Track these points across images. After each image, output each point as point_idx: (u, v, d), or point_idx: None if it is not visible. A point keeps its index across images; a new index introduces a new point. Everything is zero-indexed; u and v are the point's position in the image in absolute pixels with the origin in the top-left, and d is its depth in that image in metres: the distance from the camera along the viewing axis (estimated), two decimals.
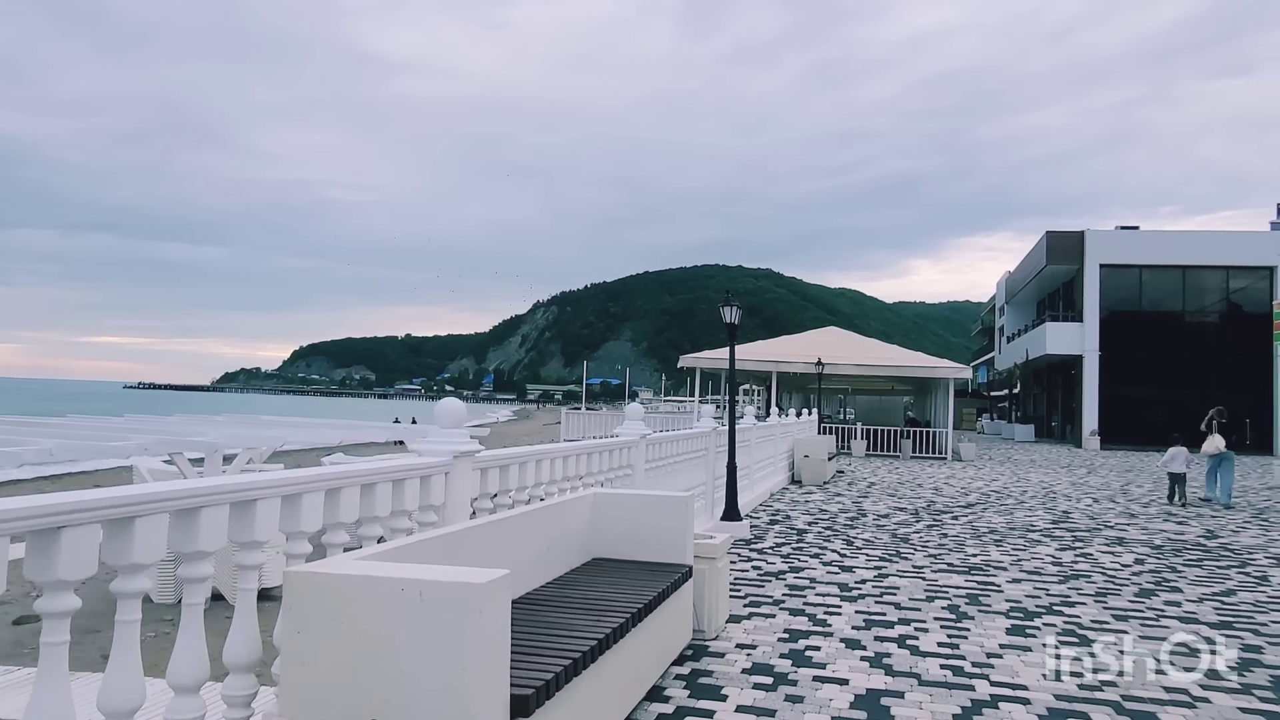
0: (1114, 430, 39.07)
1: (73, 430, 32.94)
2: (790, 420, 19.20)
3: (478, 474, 4.54)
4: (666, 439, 8.46)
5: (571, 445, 5.71)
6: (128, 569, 2.57)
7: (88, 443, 15.51)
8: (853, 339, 35.61)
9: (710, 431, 10.27)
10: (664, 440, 8.35)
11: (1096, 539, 11.10)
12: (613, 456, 6.74)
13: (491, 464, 4.73)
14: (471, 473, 4.43)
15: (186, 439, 16.30)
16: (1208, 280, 41.09)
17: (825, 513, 13.09)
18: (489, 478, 4.72)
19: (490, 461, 4.73)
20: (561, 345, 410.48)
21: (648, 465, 7.90)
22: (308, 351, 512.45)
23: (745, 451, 13.16)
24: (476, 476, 4.52)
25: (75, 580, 2.39)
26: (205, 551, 2.82)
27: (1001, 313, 64.58)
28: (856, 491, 16.61)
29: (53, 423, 18.10)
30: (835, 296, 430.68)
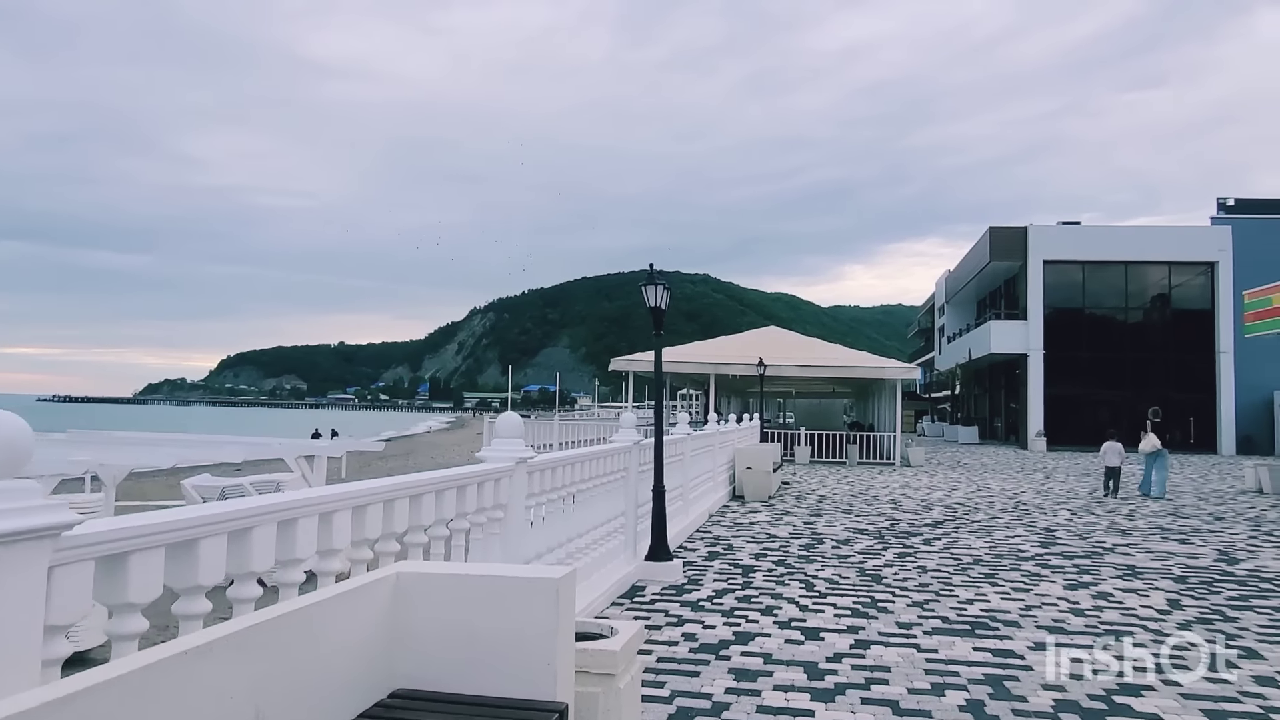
0: (1059, 430, 37.97)
1: None
2: (730, 427, 17.07)
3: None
4: (564, 461, 6.16)
5: (346, 491, 3.33)
6: None
7: (246, 447, 13.17)
8: (794, 339, 33.73)
9: (631, 446, 8.00)
10: (561, 464, 6.04)
11: (1103, 568, 9.12)
12: (466, 496, 4.40)
13: (149, 539, 2.37)
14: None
15: None
16: (1150, 276, 40.36)
17: (774, 539, 10.91)
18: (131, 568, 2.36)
19: (150, 535, 2.37)
20: (499, 352, 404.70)
21: (537, 502, 5.60)
22: (236, 361, 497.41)
23: (679, 468, 10.93)
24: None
25: None
26: None
27: (941, 313, 63.70)
28: (807, 508, 14.51)
29: None
30: (772, 301, 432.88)
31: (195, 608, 2.66)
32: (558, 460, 5.99)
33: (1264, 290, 19.00)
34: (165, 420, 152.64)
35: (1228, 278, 38.45)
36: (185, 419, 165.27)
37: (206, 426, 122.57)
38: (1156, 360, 39.55)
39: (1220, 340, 38.54)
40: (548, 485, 5.78)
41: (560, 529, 6.27)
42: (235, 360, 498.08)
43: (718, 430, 14.67)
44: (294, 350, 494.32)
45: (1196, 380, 38.89)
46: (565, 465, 6.13)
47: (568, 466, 6.20)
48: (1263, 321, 18.75)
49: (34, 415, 17.17)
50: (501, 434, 5.17)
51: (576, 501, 6.60)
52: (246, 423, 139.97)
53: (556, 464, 5.94)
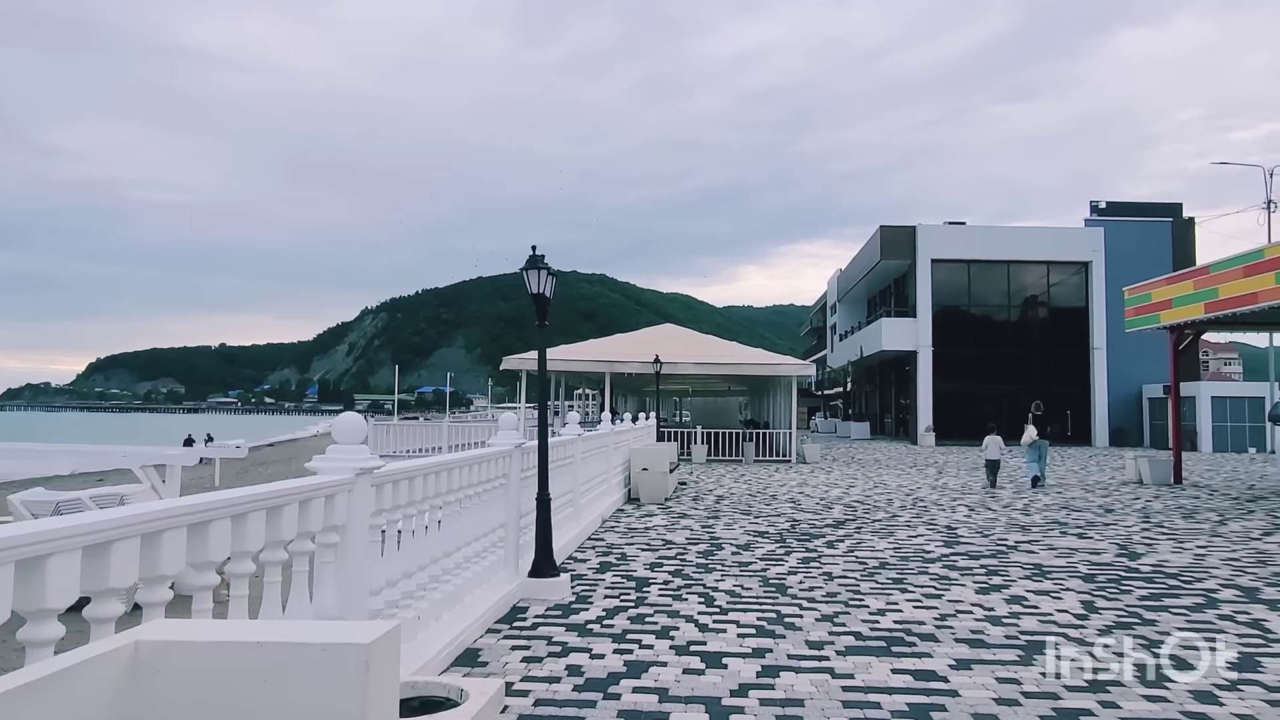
0: (947, 425, 38.84)
1: None
2: (625, 427, 16.32)
3: None
4: (428, 470, 5.24)
5: (74, 526, 2.36)
6: None
7: (85, 456, 11.14)
8: (691, 336, 33.30)
9: (511, 450, 7.12)
10: (423, 473, 5.13)
11: (1011, 568, 8.75)
12: (282, 520, 3.46)
13: None
14: None
15: None
16: (1030, 275, 41.73)
17: (671, 545, 10.20)
18: None
19: None
20: (392, 353, 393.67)
21: (387, 521, 4.68)
22: (107, 364, 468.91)
23: (569, 472, 10.10)
24: None
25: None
26: None
27: (833, 311, 64.78)
28: (705, 509, 13.89)
29: None
30: (668, 301, 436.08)
31: None
32: (417, 469, 5.08)
33: (1143, 286, 19.48)
34: (25, 427, 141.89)
35: (1100, 277, 40.13)
36: (47, 426, 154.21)
37: (69, 434, 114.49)
38: (1036, 356, 40.97)
39: (1094, 337, 40.19)
40: (404, 499, 4.86)
41: (423, 549, 5.36)
42: (106, 363, 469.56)
43: (612, 430, 13.89)
44: (171, 352, 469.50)
45: (1073, 375, 40.46)
46: (428, 475, 5.21)
47: (431, 476, 5.29)
48: (1142, 316, 19.21)
49: None
50: (341, 439, 4.23)
51: (448, 514, 5.69)
52: (114, 429, 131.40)
53: (415, 474, 5.02)
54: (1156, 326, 18.85)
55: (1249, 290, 15.14)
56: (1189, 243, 42.73)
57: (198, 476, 37.56)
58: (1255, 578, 8.43)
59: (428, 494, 5.31)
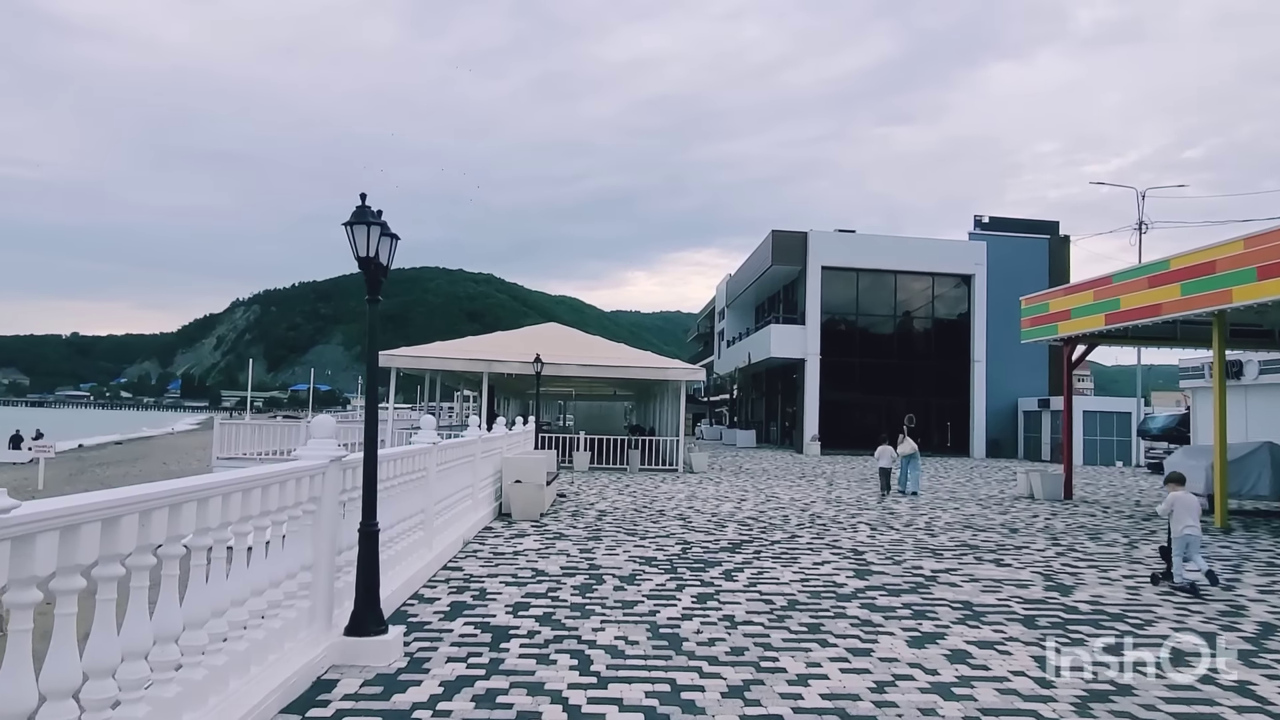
0: (832, 435, 38.53)
1: None
2: (498, 433, 14.54)
3: None
4: (167, 499, 3.47)
5: None
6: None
7: None
8: (576, 337, 31.65)
9: (326, 466, 5.34)
10: (158, 503, 3.34)
11: (938, 608, 7.49)
12: None
13: None
14: None
15: None
16: (916, 286, 41.94)
17: (542, 577, 8.54)
18: None
19: None
20: (265, 348, 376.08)
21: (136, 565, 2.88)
22: None
23: (420, 489, 8.30)
24: None
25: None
26: None
27: (721, 316, 64.39)
28: (584, 528, 12.28)
29: None
30: (556, 303, 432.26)
31: None
32: (175, 495, 3.28)
33: (1040, 296, 19.03)
34: None
35: (982, 290, 40.67)
36: None
37: None
38: (920, 367, 41.21)
39: (975, 349, 40.69)
40: (121, 547, 3.07)
41: (171, 614, 3.56)
42: None
43: (480, 437, 12.10)
44: (14, 340, 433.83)
45: (955, 386, 40.84)
46: (167, 506, 3.42)
47: (181, 507, 3.50)
48: (1038, 327, 18.73)
49: None
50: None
51: (220, 560, 3.91)
52: None
53: (151, 505, 3.24)
54: (1054, 338, 18.39)
55: (1152, 301, 14.64)
56: (1064, 259, 43.98)
57: (17, 478, 33.54)
58: (1204, 618, 7.44)
59: (175, 535, 3.54)
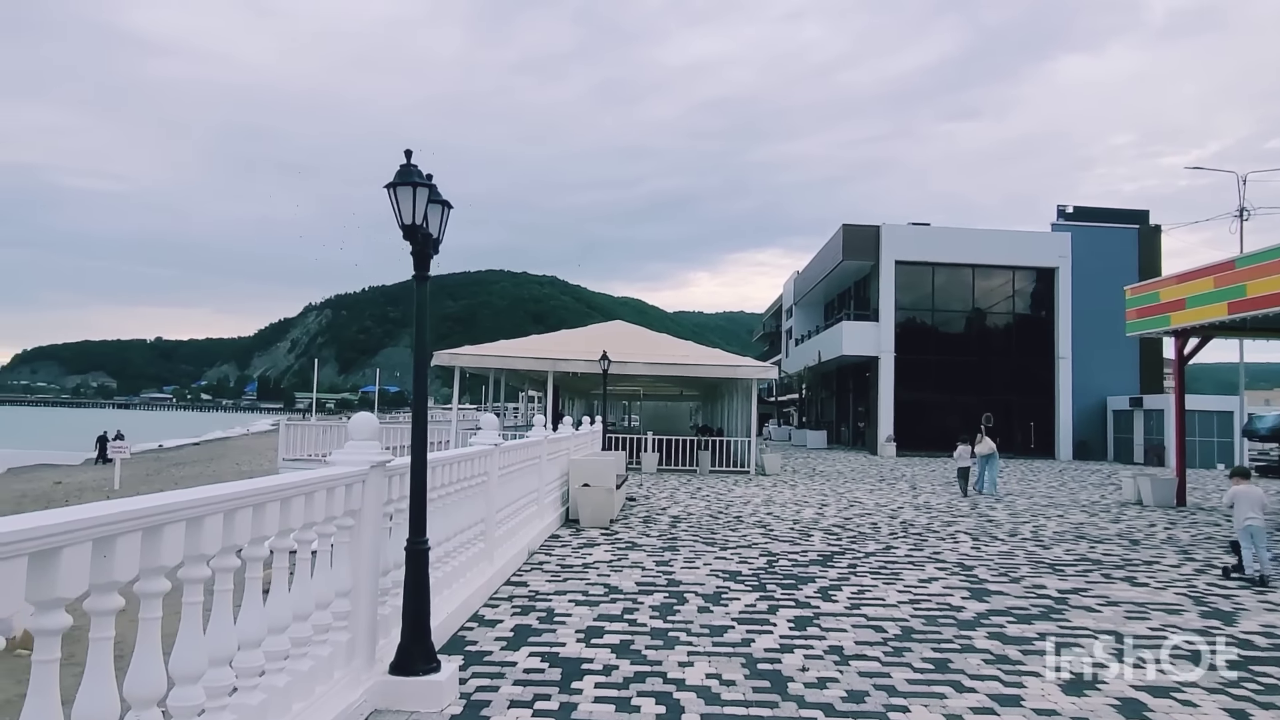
0: (907, 435, 36.93)
1: None
2: (564, 434, 13.70)
3: None
4: (177, 511, 2.67)
5: None
6: None
7: None
8: (642, 335, 30.75)
9: (367, 472, 4.52)
10: (151, 518, 2.52)
11: (1080, 637, 6.37)
12: None
13: None
14: None
15: None
16: (995, 280, 40.04)
17: (616, 595, 7.63)
18: None
19: None
20: (336, 351, 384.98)
21: None
22: (34, 356, 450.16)
23: (481, 495, 7.47)
24: None
25: None
26: None
27: (789, 315, 62.91)
28: (658, 537, 11.35)
29: None
30: (619, 305, 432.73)
31: None
32: (106, 522, 2.46)
33: (1148, 285, 17.48)
34: None
35: (1067, 283, 38.60)
36: None
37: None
38: (999, 364, 39.27)
39: (1059, 345, 38.63)
40: None
41: (151, 667, 2.74)
42: (33, 355, 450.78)
43: (546, 438, 11.27)
44: (103, 345, 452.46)
45: (1037, 385, 38.83)
46: (140, 530, 2.60)
47: (163, 530, 2.68)
48: (1147, 319, 17.19)
49: None
50: None
51: (227, 593, 3.11)
52: (36, 424, 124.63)
53: (115, 528, 2.43)
54: (1165, 330, 16.83)
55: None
56: (1155, 249, 41.45)
57: (97, 478, 34.15)
58: None
59: (201, 550, 2.74)
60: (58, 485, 30.73)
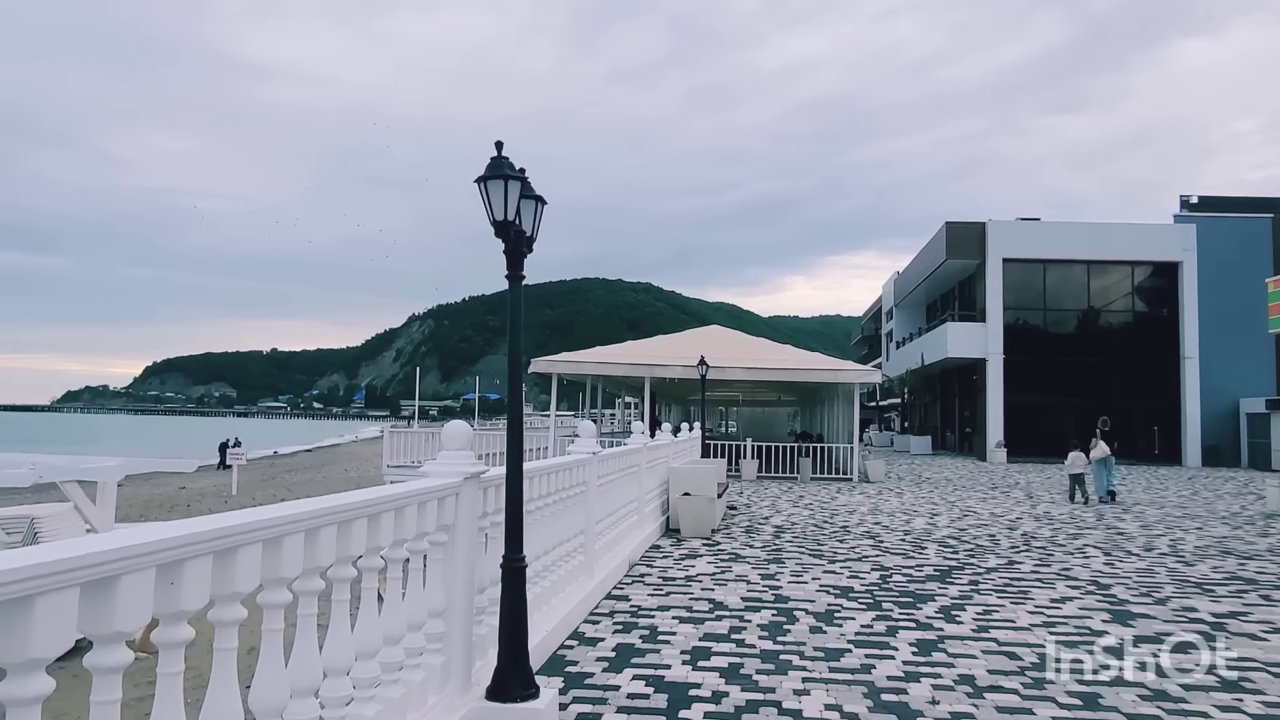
0: (1017, 440, 35.25)
1: None
2: (663, 440, 13.37)
3: None
4: (254, 531, 2.45)
5: None
6: None
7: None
8: (739, 339, 30.23)
9: (460, 484, 4.27)
10: (224, 539, 2.31)
11: (1252, 670, 5.65)
12: None
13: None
14: None
15: None
16: (1112, 276, 37.89)
17: (721, 612, 7.25)
18: None
19: None
20: (439, 360, 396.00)
21: None
22: (163, 368, 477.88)
23: (580, 505, 7.20)
24: None
25: None
26: None
27: (889, 317, 61.21)
28: (762, 548, 10.90)
29: None
30: (714, 310, 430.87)
31: None
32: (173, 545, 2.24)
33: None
34: (80, 428, 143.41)
35: (1192, 278, 36.23)
36: (101, 427, 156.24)
37: (121, 434, 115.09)
38: (1117, 365, 37.08)
39: (1185, 345, 36.27)
40: None
41: (229, 699, 2.51)
42: (162, 367, 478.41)
43: (645, 445, 10.97)
44: (224, 357, 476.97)
45: (1160, 387, 36.51)
46: (210, 554, 2.37)
47: (236, 553, 2.46)
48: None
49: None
50: None
51: (311, 617, 2.89)
52: (165, 431, 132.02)
53: (185, 551, 2.22)
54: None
55: None
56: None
57: (216, 484, 35.68)
58: None
59: (280, 573, 2.52)
60: (182, 490, 32.19)
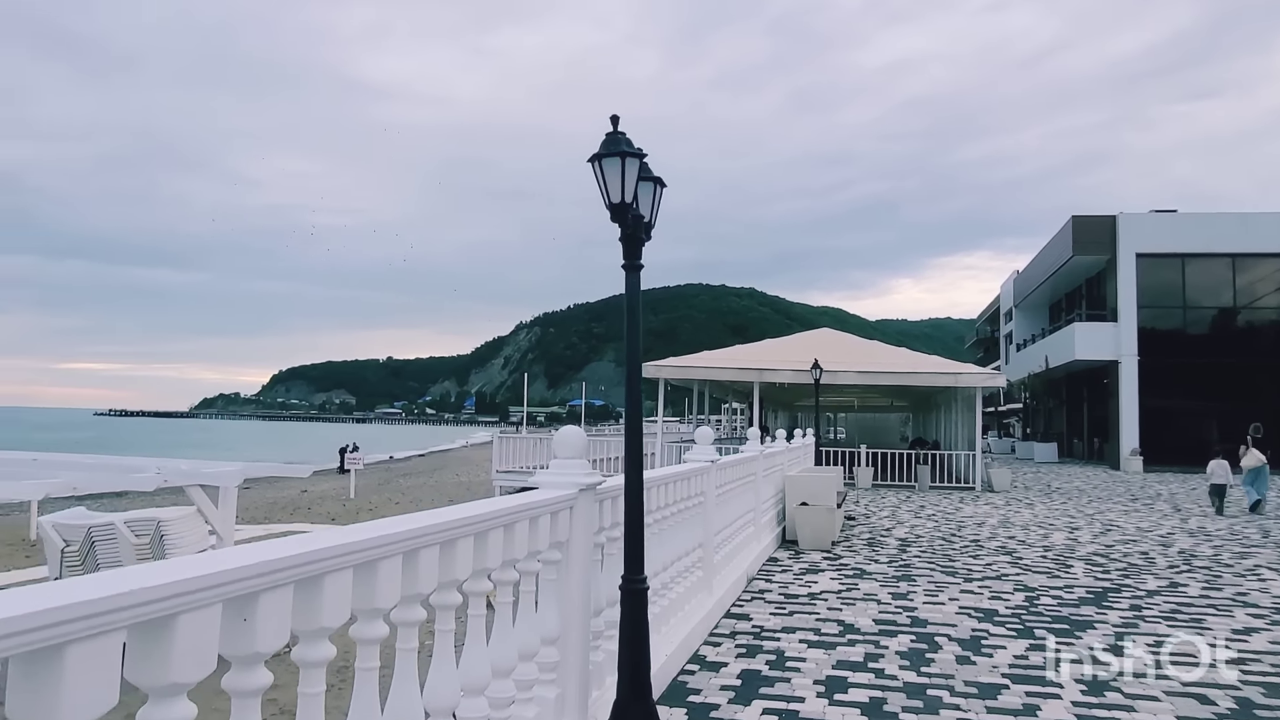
0: (1155, 447, 32.82)
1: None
2: (778, 447, 12.74)
3: None
4: (352, 552, 2.10)
5: None
6: None
7: (109, 474, 9.68)
8: (850, 342, 29.19)
9: (575, 497, 3.85)
10: (319, 562, 1.94)
11: None
12: None
13: None
14: None
15: None
16: (1261, 270, 35.00)
17: (853, 634, 6.63)
18: None
19: None
20: (545, 366, 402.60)
21: None
22: (288, 376, 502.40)
23: (698, 517, 6.72)
24: None
25: None
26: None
27: (1008, 318, 58.48)
28: (888, 563, 10.16)
29: None
30: (819, 314, 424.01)
31: None
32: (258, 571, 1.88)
33: None
34: (215, 433, 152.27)
35: None
36: (234, 432, 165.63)
37: (253, 440, 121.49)
38: (1270, 368, 34.17)
39: None
40: None
41: None
42: (287, 375, 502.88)
43: (761, 452, 10.39)
44: (343, 365, 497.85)
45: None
46: (288, 585, 2.01)
47: (323, 581, 2.09)
48: None
49: (90, 429, 10.72)
50: None
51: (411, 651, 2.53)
52: (288, 437, 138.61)
53: (278, 576, 1.86)
54: None
55: None
56: None
57: (335, 487, 36.79)
58: None
59: (374, 604, 2.17)
60: (303, 494, 33.25)
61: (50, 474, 10.22)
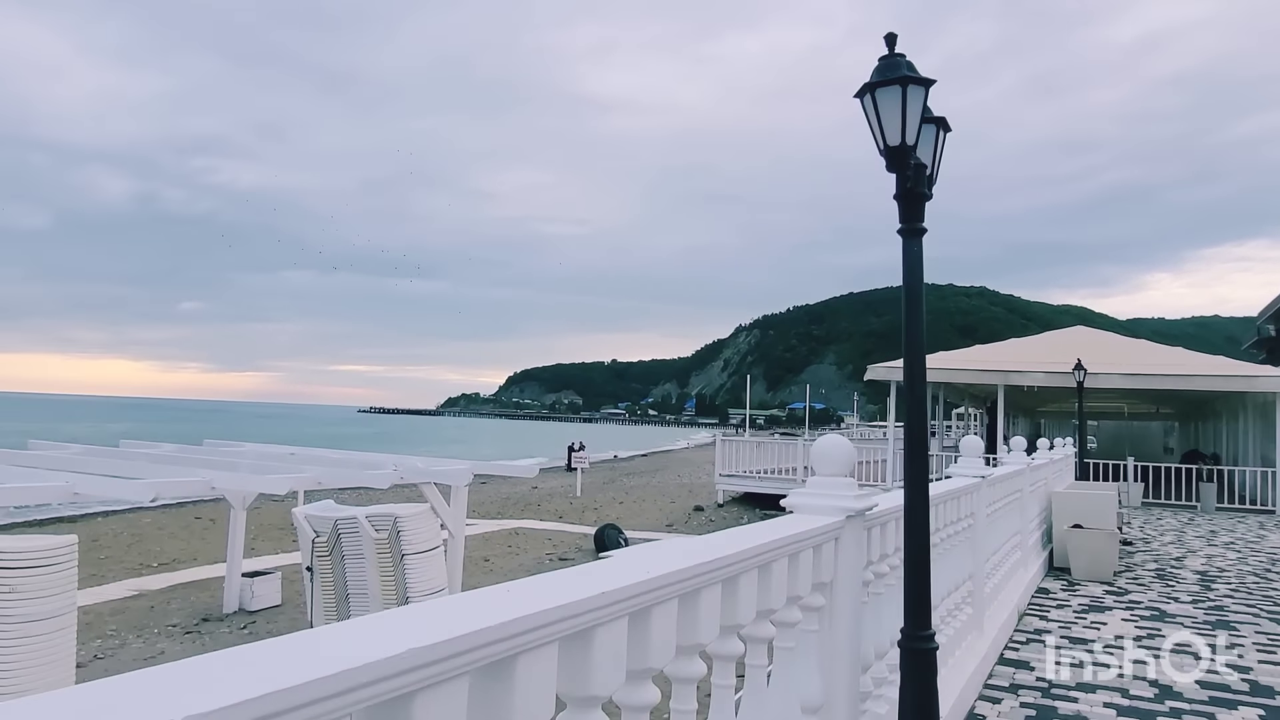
0: None
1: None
2: (1041, 459, 11.12)
3: None
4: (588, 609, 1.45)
5: None
6: None
7: (350, 469, 10.97)
8: (1112, 340, 26.11)
9: (841, 525, 3.03)
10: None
11: None
12: None
13: None
14: None
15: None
16: None
17: (1177, 706, 5.26)
18: None
19: None
20: (764, 369, 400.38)
21: None
22: (521, 377, 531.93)
23: (966, 544, 5.64)
24: None
25: None
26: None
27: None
28: (1192, 603, 8.42)
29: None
30: (1059, 314, 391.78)
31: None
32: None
33: None
34: (458, 430, 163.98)
35: None
36: (480, 430, 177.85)
37: (494, 437, 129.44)
38: None
39: None
40: None
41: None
42: (520, 377, 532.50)
43: (1027, 466, 8.97)
44: (571, 367, 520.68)
45: None
46: None
47: (596, 633, 1.44)
48: None
49: (354, 424, 11.81)
50: None
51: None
52: (523, 434, 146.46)
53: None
54: None
55: None
56: None
57: (563, 485, 37.84)
58: None
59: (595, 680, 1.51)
60: (534, 490, 34.38)
61: (301, 468, 10.73)
